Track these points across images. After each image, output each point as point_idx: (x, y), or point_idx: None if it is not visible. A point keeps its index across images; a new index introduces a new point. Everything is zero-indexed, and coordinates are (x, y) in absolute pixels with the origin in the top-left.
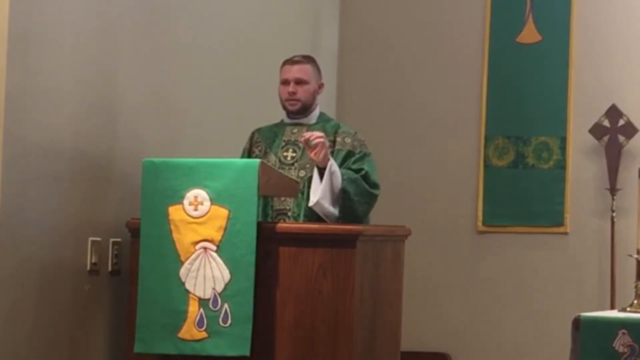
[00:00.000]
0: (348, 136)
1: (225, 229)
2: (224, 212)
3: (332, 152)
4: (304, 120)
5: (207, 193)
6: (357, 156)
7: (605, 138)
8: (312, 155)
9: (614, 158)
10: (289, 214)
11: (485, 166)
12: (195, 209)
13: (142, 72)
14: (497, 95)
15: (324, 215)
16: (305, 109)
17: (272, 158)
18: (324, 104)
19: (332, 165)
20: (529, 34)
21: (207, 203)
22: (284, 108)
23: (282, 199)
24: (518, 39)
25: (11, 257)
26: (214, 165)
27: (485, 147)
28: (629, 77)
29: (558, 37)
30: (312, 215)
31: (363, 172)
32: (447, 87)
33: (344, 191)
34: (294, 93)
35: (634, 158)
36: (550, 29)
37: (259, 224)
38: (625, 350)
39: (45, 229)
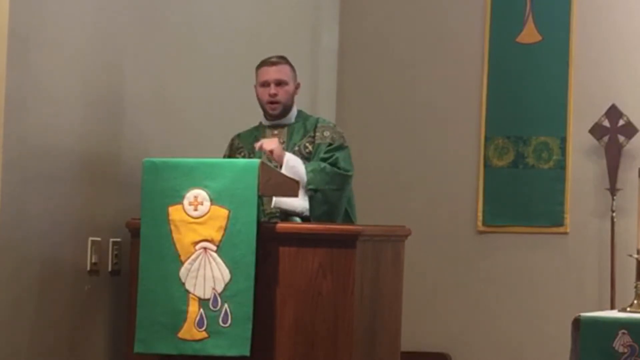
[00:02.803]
0: (327, 129)
1: (225, 229)
2: (224, 212)
3: (312, 147)
4: (283, 121)
5: (207, 193)
6: (332, 146)
7: (605, 138)
8: (270, 157)
9: (614, 158)
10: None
11: (485, 166)
12: (195, 209)
13: (142, 73)
14: (497, 95)
15: (291, 210)
16: (285, 111)
17: None
18: (325, 104)
19: (289, 160)
20: (529, 34)
21: (207, 203)
22: (264, 110)
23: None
24: (518, 39)
25: (11, 257)
26: (214, 165)
27: (485, 147)
28: (629, 77)
29: (558, 37)
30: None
31: (332, 159)
32: (447, 87)
33: (310, 183)
34: (275, 95)
35: (634, 158)
36: (550, 29)
37: (259, 224)
38: (625, 350)
39: (45, 229)
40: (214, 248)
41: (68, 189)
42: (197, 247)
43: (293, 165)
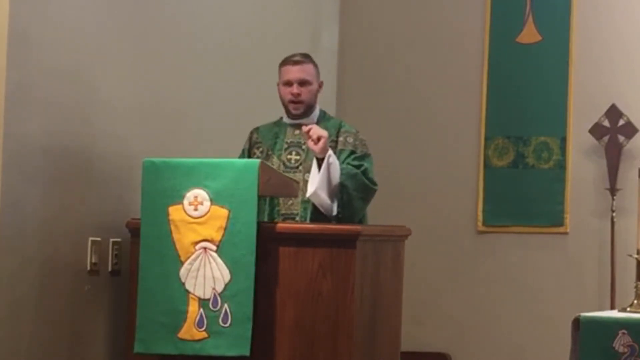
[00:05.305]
0: (350, 136)
1: (225, 229)
2: (224, 212)
3: (334, 152)
4: (305, 121)
5: (207, 193)
6: (357, 154)
7: (605, 138)
8: (310, 145)
9: (614, 158)
10: (297, 218)
11: (485, 166)
12: (195, 209)
13: (143, 73)
14: (497, 95)
15: (320, 206)
16: (308, 110)
17: (276, 161)
18: (324, 104)
19: (331, 156)
20: (529, 34)
21: (207, 203)
22: (286, 109)
23: (289, 202)
24: (518, 39)
25: (11, 257)
26: (213, 165)
27: (485, 147)
28: (629, 77)
29: (558, 37)
30: (318, 218)
31: (362, 168)
32: (447, 87)
33: (342, 185)
34: (298, 94)
35: (634, 158)
36: (550, 29)
37: (259, 224)
38: (625, 350)
39: (45, 229)
40: (214, 248)
41: (68, 189)
42: (197, 247)
43: (332, 162)
